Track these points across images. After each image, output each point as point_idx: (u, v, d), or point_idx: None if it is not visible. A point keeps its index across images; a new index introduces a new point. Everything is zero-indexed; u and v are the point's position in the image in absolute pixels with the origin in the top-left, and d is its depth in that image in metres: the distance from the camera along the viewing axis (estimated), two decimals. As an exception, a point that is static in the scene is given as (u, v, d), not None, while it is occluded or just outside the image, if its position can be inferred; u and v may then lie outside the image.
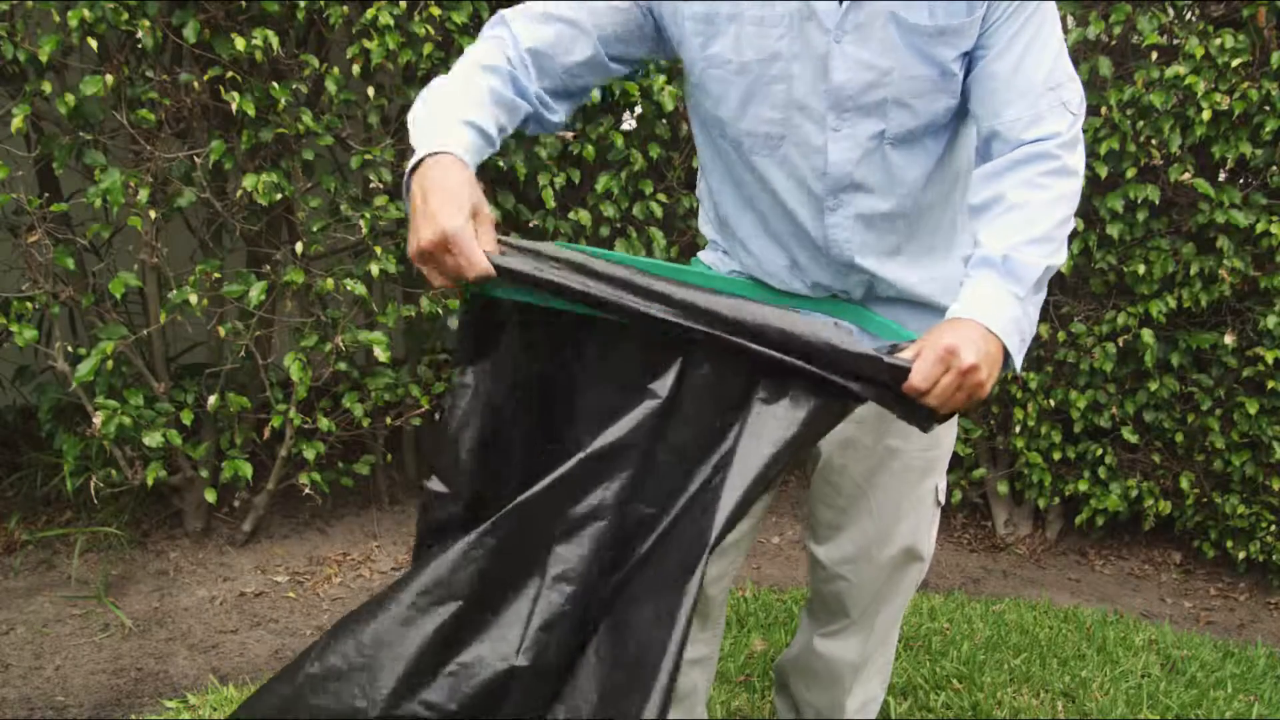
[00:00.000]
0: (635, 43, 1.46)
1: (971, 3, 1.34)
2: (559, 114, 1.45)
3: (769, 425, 1.24)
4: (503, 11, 1.42)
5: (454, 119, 1.27)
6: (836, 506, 1.67)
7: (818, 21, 1.34)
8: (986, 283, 1.29)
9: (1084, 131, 2.99)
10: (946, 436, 1.66)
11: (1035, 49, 1.36)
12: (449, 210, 1.17)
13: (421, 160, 1.22)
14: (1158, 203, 2.97)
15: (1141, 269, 3.01)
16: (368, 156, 2.82)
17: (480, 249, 1.18)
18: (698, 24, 1.40)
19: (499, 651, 1.22)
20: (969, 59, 1.38)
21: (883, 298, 1.55)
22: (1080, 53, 3.06)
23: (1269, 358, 2.93)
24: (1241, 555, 3.16)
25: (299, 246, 2.77)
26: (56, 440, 2.84)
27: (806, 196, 1.46)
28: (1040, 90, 1.35)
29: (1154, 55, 2.93)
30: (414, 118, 1.30)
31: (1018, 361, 1.29)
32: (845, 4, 1.33)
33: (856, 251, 1.48)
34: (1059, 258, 1.33)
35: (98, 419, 2.60)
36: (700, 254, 1.70)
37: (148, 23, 2.51)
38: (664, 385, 1.25)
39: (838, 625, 1.75)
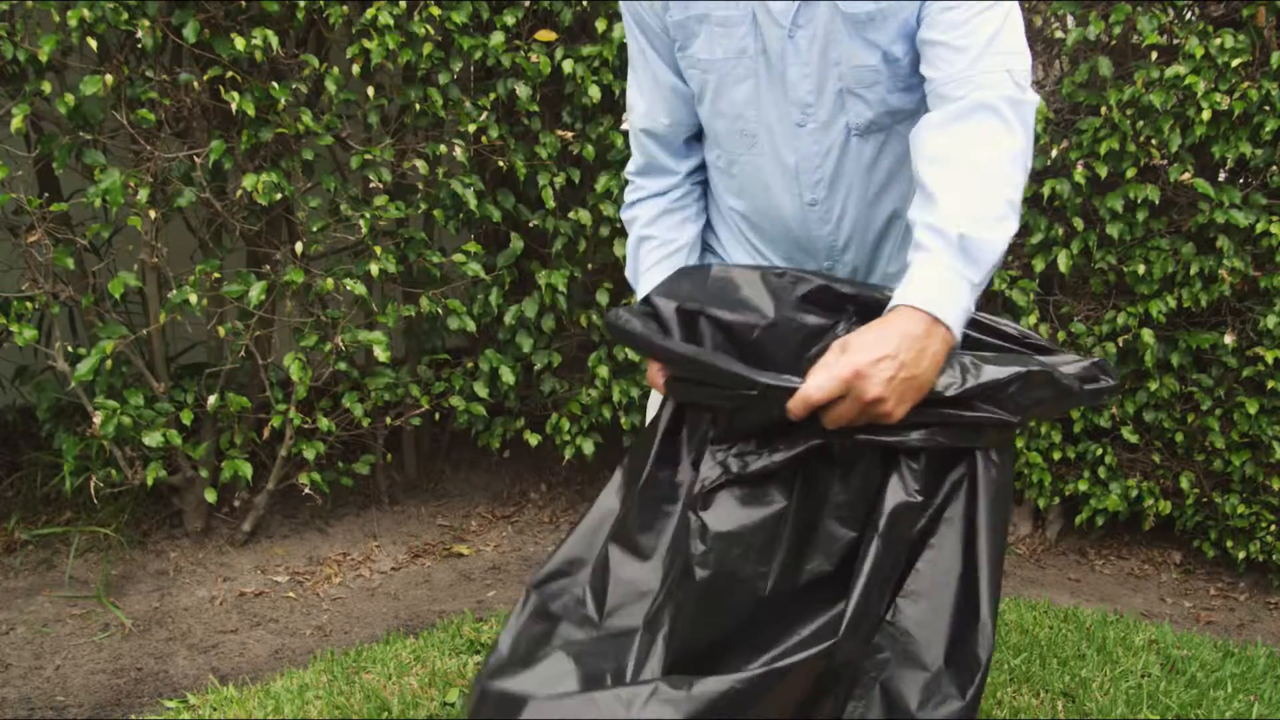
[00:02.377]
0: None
1: None
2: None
3: None
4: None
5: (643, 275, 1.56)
6: None
7: (773, 19, 1.38)
8: (939, 264, 1.20)
9: (1084, 131, 3.01)
10: None
11: (980, 16, 1.30)
12: None
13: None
14: (1158, 203, 2.97)
15: (1141, 269, 3.01)
16: (368, 156, 2.82)
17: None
18: (678, 28, 1.46)
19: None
20: (915, 42, 1.37)
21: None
22: (1080, 53, 3.06)
23: (1269, 358, 2.93)
24: (1241, 555, 3.16)
25: (299, 246, 2.77)
26: (56, 440, 2.84)
27: (787, 192, 1.49)
28: (980, 50, 1.29)
29: (1154, 55, 2.93)
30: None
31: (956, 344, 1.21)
32: (797, 2, 1.36)
33: (841, 243, 1.51)
34: (1014, 226, 1.24)
35: (97, 419, 2.60)
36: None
37: (147, 23, 2.51)
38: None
39: None
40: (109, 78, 2.52)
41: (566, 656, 1.19)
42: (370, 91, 2.79)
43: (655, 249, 1.56)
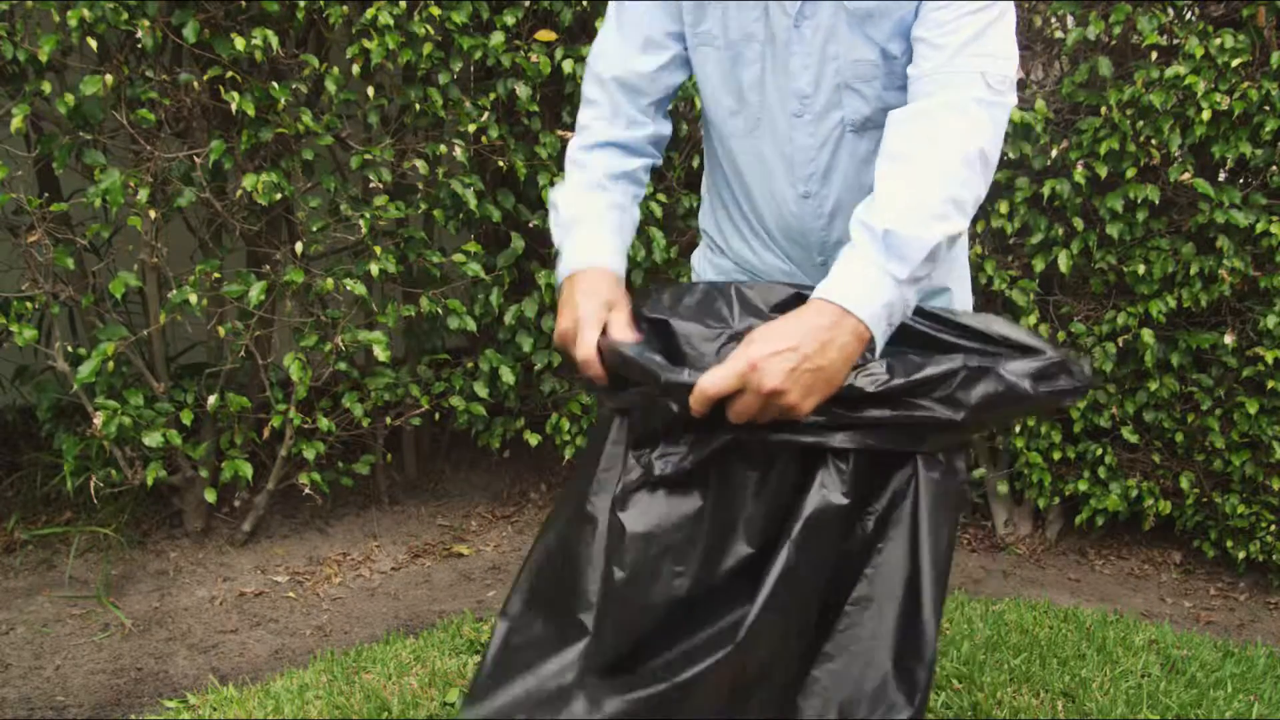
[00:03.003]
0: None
1: None
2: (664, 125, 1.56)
3: None
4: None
5: (584, 231, 1.43)
6: None
7: (782, 8, 1.39)
8: (861, 259, 1.19)
9: (1084, 131, 3.00)
10: None
11: (966, 17, 1.30)
12: (562, 316, 1.33)
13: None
14: (1158, 203, 2.97)
15: (1141, 269, 3.01)
16: (367, 156, 2.82)
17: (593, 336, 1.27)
18: (692, 3, 1.46)
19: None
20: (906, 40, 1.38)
21: None
22: (1080, 53, 3.06)
23: (1269, 358, 2.93)
24: (1241, 555, 3.16)
25: (299, 246, 2.77)
26: (56, 440, 2.84)
27: (785, 183, 1.49)
28: (956, 49, 1.28)
29: (1154, 55, 2.93)
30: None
31: (879, 347, 1.19)
32: None
33: (833, 239, 1.51)
34: (956, 226, 1.21)
35: (98, 419, 2.60)
36: (695, 253, 1.75)
37: (147, 23, 2.51)
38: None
39: None
40: (109, 78, 2.52)
41: (528, 674, 1.21)
42: (370, 91, 2.79)
43: (610, 209, 1.47)
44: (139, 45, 2.59)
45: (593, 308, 1.29)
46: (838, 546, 1.20)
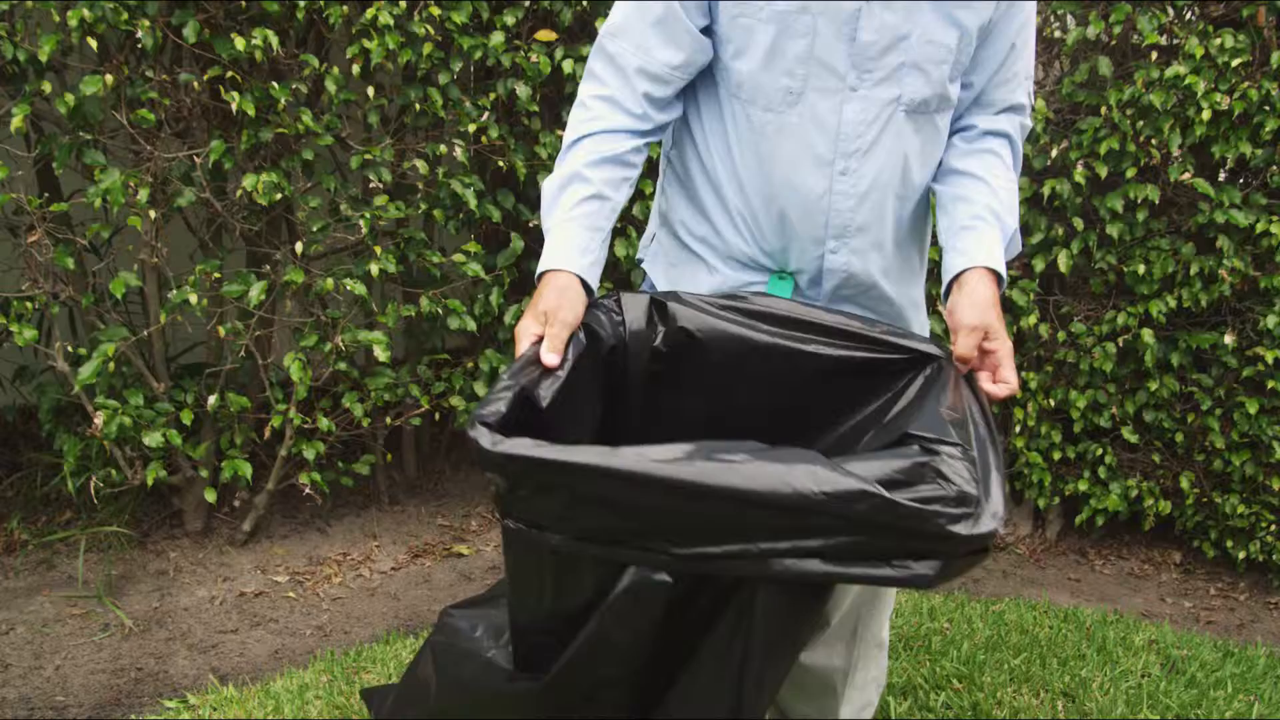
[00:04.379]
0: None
1: None
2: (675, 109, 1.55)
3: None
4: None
5: (564, 230, 1.44)
6: None
7: None
8: (990, 234, 1.46)
9: (1084, 131, 3.01)
10: None
11: (1029, 44, 1.54)
12: (528, 316, 1.36)
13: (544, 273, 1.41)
14: (1158, 203, 2.97)
15: (1141, 269, 3.01)
16: (368, 156, 2.82)
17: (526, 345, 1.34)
18: None
19: None
20: (981, 35, 1.48)
21: (825, 286, 1.55)
22: (1080, 53, 3.06)
23: (1269, 357, 2.93)
24: (1241, 555, 3.16)
25: (299, 246, 2.77)
26: (57, 440, 2.84)
27: (814, 160, 1.46)
28: (1021, 79, 1.55)
29: (1154, 55, 2.93)
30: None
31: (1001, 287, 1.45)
32: None
33: (857, 223, 1.49)
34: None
35: (99, 419, 2.60)
36: (641, 251, 1.72)
37: (147, 22, 2.51)
38: None
39: (818, 635, 1.74)
40: (109, 78, 2.52)
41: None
42: (370, 91, 2.79)
43: (586, 198, 1.45)
44: (139, 45, 2.59)
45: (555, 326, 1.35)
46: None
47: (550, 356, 1.31)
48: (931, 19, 1.40)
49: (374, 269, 2.82)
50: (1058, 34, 3.06)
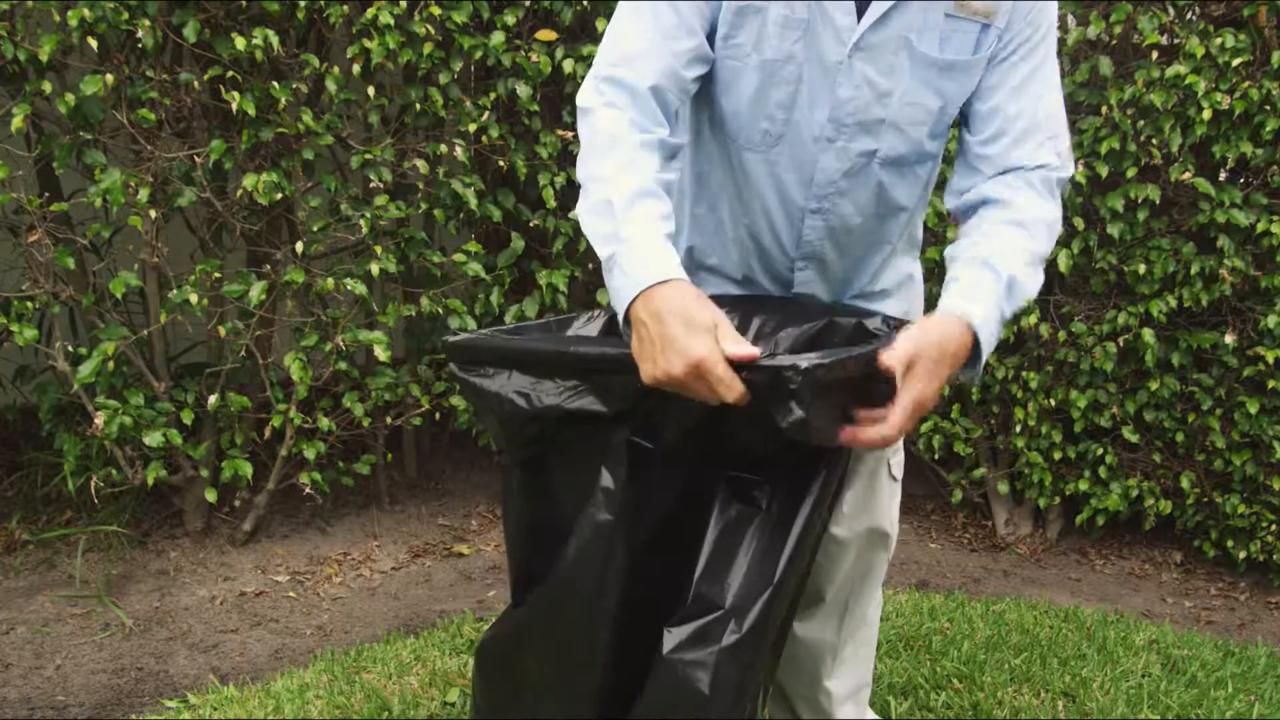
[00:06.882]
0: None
1: (980, 40, 1.40)
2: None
3: None
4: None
5: (654, 238, 1.24)
6: None
7: (835, 34, 1.37)
8: (989, 291, 1.33)
9: (1084, 131, 3.00)
10: None
11: (1048, 94, 1.46)
12: (696, 337, 1.13)
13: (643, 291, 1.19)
14: (1158, 202, 2.97)
15: (1142, 268, 3.01)
16: (368, 156, 2.82)
17: (730, 371, 1.13)
18: (729, 14, 1.41)
19: None
20: (974, 95, 1.45)
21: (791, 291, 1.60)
22: (1080, 52, 3.06)
23: (1269, 357, 2.93)
24: (1242, 555, 3.16)
25: (299, 246, 2.77)
26: (57, 440, 2.84)
27: (786, 200, 1.50)
28: (1043, 135, 1.44)
29: (1154, 55, 2.92)
30: (594, 232, 1.28)
31: (978, 369, 1.33)
32: (866, 23, 1.37)
33: (820, 255, 1.53)
34: (1041, 280, 1.43)
35: (99, 419, 2.60)
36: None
37: (148, 22, 2.51)
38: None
39: (812, 607, 1.77)
40: (109, 77, 2.52)
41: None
42: (370, 91, 2.79)
43: (664, 215, 1.29)
44: (139, 45, 2.59)
45: (711, 339, 1.15)
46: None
47: (746, 346, 1.16)
48: (912, 83, 1.40)
49: (374, 269, 2.82)
50: (1058, 34, 3.06)
